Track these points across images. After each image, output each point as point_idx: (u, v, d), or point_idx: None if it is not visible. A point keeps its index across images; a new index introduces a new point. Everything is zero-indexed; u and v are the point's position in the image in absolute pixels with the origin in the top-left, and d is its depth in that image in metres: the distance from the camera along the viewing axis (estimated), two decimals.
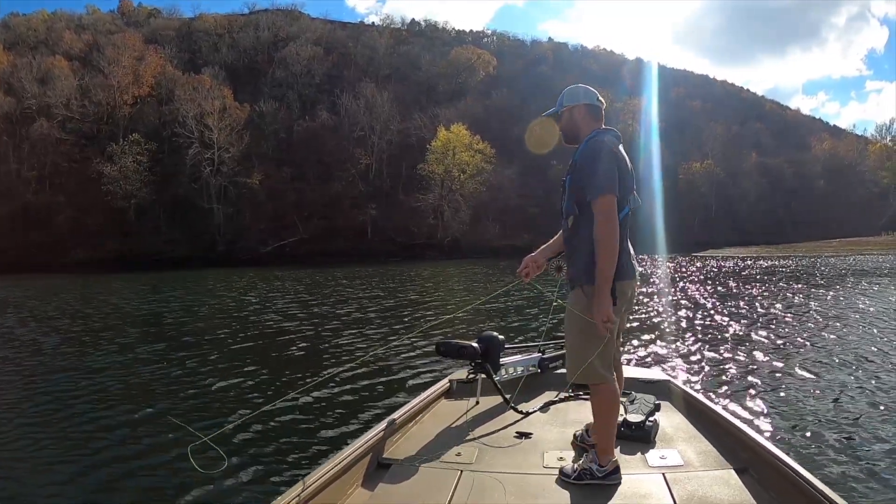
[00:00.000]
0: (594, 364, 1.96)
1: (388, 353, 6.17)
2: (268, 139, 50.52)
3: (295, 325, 9.13)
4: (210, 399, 4.82)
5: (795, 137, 70.31)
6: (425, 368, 5.49)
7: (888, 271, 19.33)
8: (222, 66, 55.53)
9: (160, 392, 5.12)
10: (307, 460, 3.28)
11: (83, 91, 47.56)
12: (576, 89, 2.15)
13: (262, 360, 6.38)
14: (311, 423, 4.00)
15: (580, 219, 2.00)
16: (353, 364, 5.71)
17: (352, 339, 7.62)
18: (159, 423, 4.15)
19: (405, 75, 60.66)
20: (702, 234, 50.79)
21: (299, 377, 5.52)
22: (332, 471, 1.84)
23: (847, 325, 7.86)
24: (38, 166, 44.25)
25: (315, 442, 3.63)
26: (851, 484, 2.81)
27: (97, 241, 39.78)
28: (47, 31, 58.23)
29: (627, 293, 2.05)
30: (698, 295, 12.39)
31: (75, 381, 5.56)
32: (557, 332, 3.37)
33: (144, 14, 70.60)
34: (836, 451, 3.25)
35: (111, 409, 4.60)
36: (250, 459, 3.33)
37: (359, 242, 44.51)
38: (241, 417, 4.08)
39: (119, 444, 3.76)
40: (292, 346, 7.17)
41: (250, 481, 3.05)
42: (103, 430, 4.07)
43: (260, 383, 5.32)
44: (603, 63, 73.68)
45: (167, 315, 11.40)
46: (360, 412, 4.22)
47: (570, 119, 2.13)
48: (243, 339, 7.94)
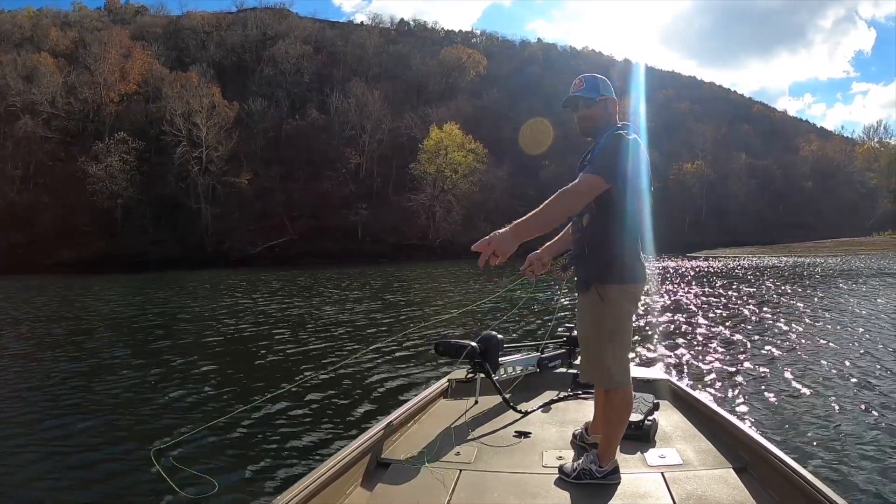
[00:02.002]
0: (609, 368, 1.93)
1: (387, 353, 6.15)
2: (256, 138, 50.13)
3: (292, 326, 9.04)
4: (209, 399, 4.76)
5: (783, 139, 71.48)
6: (424, 368, 5.48)
7: (887, 272, 19.61)
8: (210, 64, 55.06)
9: (159, 392, 5.04)
10: (306, 460, 3.26)
11: (69, 88, 46.87)
12: (606, 80, 2.04)
13: (259, 362, 6.31)
14: (310, 423, 3.97)
15: (598, 217, 1.92)
16: (351, 364, 5.68)
17: (350, 339, 7.57)
18: (159, 423, 4.11)
19: (395, 75, 60.59)
20: (692, 235, 51.44)
21: (299, 377, 5.47)
22: (331, 471, 1.82)
23: (847, 325, 7.92)
24: (23, 165, 43.48)
25: (314, 442, 3.61)
26: (851, 483, 2.82)
27: (82, 241, 39.21)
28: (33, 27, 57.25)
29: (640, 296, 2.02)
30: (696, 295, 12.47)
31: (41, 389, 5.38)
32: (556, 331, 3.38)
33: (131, 11, 69.80)
34: (836, 451, 3.27)
35: (110, 412, 4.53)
36: (249, 459, 3.31)
37: (349, 243, 44.34)
38: (241, 418, 4.05)
39: (118, 445, 3.72)
40: (290, 347, 7.08)
41: (250, 481, 3.03)
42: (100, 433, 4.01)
43: (259, 384, 5.27)
44: (592, 64, 74.02)
45: (152, 317, 11.25)
46: (359, 412, 4.21)
47: (604, 110, 2.01)
48: (238, 340, 7.85)
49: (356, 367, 5.55)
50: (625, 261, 1.92)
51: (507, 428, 2.43)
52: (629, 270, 1.92)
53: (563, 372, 3.08)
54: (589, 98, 2.00)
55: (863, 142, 68.55)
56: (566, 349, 3.17)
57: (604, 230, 1.90)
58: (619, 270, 1.91)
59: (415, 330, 7.42)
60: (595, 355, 1.97)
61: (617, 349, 1.93)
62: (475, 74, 63.55)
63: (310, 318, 9.87)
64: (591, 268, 1.95)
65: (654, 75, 75.72)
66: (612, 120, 2.02)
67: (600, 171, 1.83)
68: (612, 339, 1.91)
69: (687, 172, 57.36)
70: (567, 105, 2.05)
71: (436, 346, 2.72)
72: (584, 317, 1.99)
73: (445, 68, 62.86)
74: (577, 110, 2.03)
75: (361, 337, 7.77)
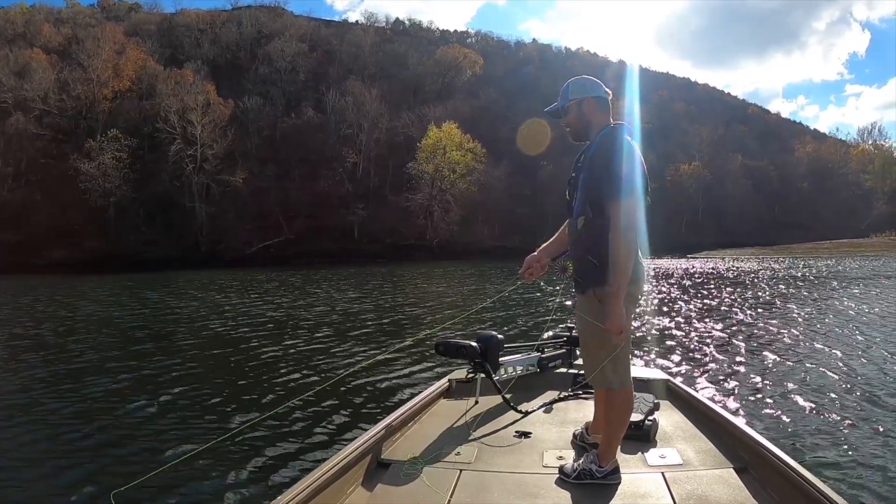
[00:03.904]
0: (607, 370, 1.93)
1: (387, 354, 6.14)
2: (251, 136, 49.77)
3: (292, 326, 9.00)
4: (208, 399, 4.73)
5: (778, 141, 71.90)
6: (424, 368, 5.47)
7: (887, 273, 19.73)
8: (205, 62, 54.69)
9: (157, 392, 4.99)
10: (307, 460, 3.26)
11: (61, 85, 46.32)
12: (582, 80, 2.03)
13: (258, 362, 6.26)
14: (311, 423, 3.96)
15: (594, 221, 1.90)
16: (351, 365, 5.67)
17: (349, 340, 7.53)
18: (157, 422, 4.10)
19: (391, 74, 60.41)
20: (690, 236, 51.67)
21: (298, 377, 5.45)
22: (331, 471, 1.82)
23: (848, 326, 7.96)
24: (14, 162, 42.85)
25: (314, 442, 3.60)
26: (851, 483, 2.84)
27: (75, 240, 38.81)
28: (25, 24, 56.64)
29: (638, 298, 2.00)
30: (697, 296, 12.50)
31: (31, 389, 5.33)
32: (557, 331, 3.38)
33: (125, 8, 69.29)
34: (836, 451, 3.28)
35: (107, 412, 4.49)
36: (249, 459, 3.30)
37: (346, 243, 44.19)
38: (240, 418, 4.03)
39: (118, 445, 3.69)
40: (289, 348, 7.04)
41: (250, 481, 3.02)
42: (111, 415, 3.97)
43: (257, 384, 5.24)
44: (587, 65, 74.30)
45: (152, 317, 11.18)
46: (360, 412, 4.20)
47: (578, 113, 1.99)
48: (236, 341, 7.81)
49: (355, 368, 5.53)
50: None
51: (507, 428, 2.43)
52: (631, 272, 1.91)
53: (563, 372, 3.08)
54: (559, 108, 2.03)
55: (857, 144, 69.27)
56: (566, 349, 3.17)
57: (600, 233, 1.87)
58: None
59: (415, 330, 7.43)
60: (594, 357, 1.97)
61: (616, 350, 1.92)
62: (472, 74, 63.56)
63: (310, 319, 9.84)
64: (587, 270, 1.94)
65: (648, 76, 76.12)
66: (595, 119, 1.99)
67: (625, 192, 1.81)
68: (610, 341, 1.91)
69: (684, 173, 57.63)
70: (552, 116, 2.09)
71: (436, 346, 2.72)
72: (583, 318, 1.99)
73: (442, 68, 62.81)
74: (559, 120, 2.06)
75: (361, 337, 7.75)
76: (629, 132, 1.94)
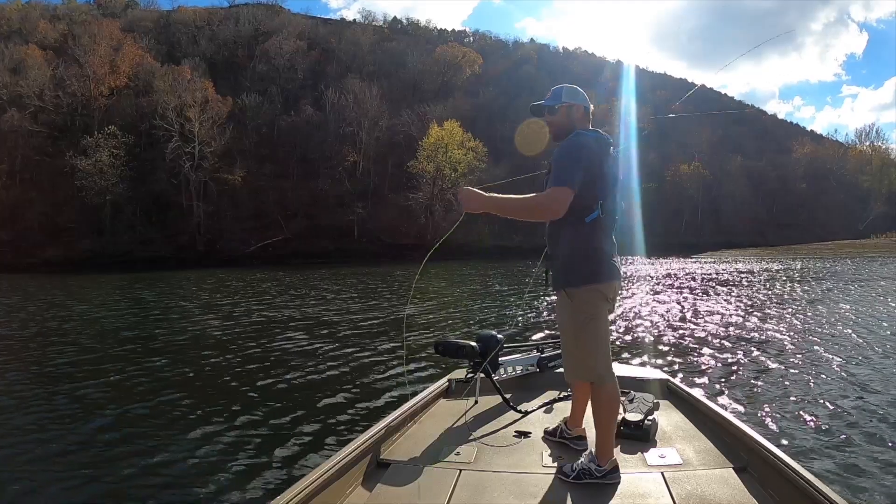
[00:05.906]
0: (590, 364, 1.97)
1: (387, 353, 6.13)
2: (249, 134, 49.53)
3: (289, 327, 8.97)
4: (205, 400, 4.72)
5: (775, 142, 72.12)
6: (424, 368, 5.47)
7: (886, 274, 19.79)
8: (202, 59, 54.41)
9: (153, 393, 4.98)
10: (306, 460, 3.26)
11: (57, 81, 45.95)
12: (576, 89, 2.12)
13: (257, 362, 6.25)
14: (311, 423, 3.96)
15: (560, 220, 1.94)
16: (351, 364, 5.65)
17: (348, 340, 7.52)
18: (154, 423, 4.08)
19: (390, 72, 60.28)
20: (689, 236, 51.75)
21: (297, 377, 5.44)
22: (331, 470, 1.82)
23: (848, 326, 7.99)
24: (8, 159, 42.50)
25: (314, 442, 3.60)
26: (851, 483, 2.85)
27: (69, 239, 38.55)
28: (21, 20, 56.26)
29: (610, 294, 2.02)
30: (697, 296, 12.52)
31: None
32: (556, 331, 3.38)
33: (121, 5, 68.85)
34: (836, 450, 3.30)
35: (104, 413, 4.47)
36: (249, 459, 3.30)
37: (345, 242, 44.02)
38: (240, 418, 4.02)
39: (115, 446, 3.67)
40: (288, 348, 7.03)
41: (250, 481, 3.02)
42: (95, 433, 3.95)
43: (257, 384, 5.22)
44: (584, 65, 74.59)
45: (147, 317, 11.13)
46: (359, 412, 4.20)
47: (567, 115, 2.09)
48: (234, 341, 7.79)
49: (356, 366, 5.52)
50: (590, 261, 1.94)
51: (507, 428, 2.43)
52: (595, 270, 1.95)
53: (562, 372, 3.07)
54: (550, 106, 2.10)
55: (854, 145, 69.68)
56: None
57: (567, 232, 1.95)
58: (584, 271, 1.94)
59: (415, 330, 7.41)
60: (570, 352, 2.03)
61: (591, 346, 1.96)
62: (470, 73, 63.52)
63: (308, 319, 9.82)
64: (557, 269, 2.02)
65: (645, 77, 76.12)
66: (579, 125, 2.07)
67: (562, 181, 1.88)
68: (585, 336, 1.96)
69: (683, 173, 57.76)
70: (533, 112, 2.16)
71: (436, 346, 2.72)
72: (559, 315, 2.06)
73: (441, 66, 62.73)
74: (542, 117, 2.13)
75: (361, 337, 7.73)
76: (600, 138, 2.01)
